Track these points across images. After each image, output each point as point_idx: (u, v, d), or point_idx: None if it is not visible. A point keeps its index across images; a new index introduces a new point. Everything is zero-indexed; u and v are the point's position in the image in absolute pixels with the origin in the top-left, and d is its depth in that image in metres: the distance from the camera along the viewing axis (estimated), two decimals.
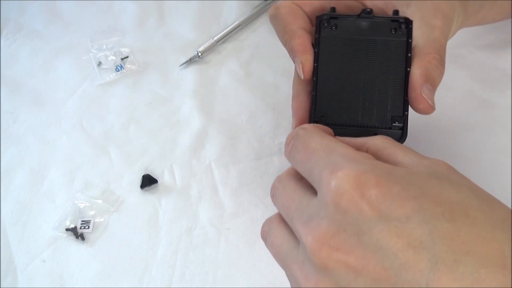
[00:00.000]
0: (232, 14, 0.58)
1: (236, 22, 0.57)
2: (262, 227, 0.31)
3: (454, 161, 0.27)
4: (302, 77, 0.35)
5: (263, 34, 0.57)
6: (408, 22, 0.33)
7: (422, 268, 0.22)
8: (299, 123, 0.35)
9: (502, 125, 0.47)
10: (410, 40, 0.33)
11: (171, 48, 0.56)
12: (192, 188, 0.45)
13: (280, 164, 0.46)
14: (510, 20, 0.50)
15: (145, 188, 0.45)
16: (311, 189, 0.27)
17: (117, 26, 0.58)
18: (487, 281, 0.21)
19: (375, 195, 0.23)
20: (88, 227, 0.43)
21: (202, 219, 0.43)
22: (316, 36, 0.34)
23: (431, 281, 0.22)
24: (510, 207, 0.24)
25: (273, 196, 0.30)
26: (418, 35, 0.34)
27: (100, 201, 0.44)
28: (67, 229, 0.42)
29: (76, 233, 0.42)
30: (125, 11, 0.60)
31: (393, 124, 0.33)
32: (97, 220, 0.43)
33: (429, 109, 0.33)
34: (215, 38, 0.55)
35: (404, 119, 0.33)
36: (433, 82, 0.33)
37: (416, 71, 0.33)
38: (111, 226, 0.43)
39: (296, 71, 0.37)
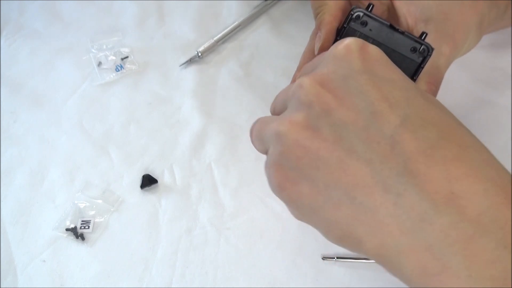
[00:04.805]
0: (232, 14, 0.58)
1: (236, 22, 0.57)
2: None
3: None
4: (316, 53, 0.37)
5: (263, 34, 0.57)
6: (429, 50, 0.33)
7: (392, 121, 0.25)
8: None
9: (502, 125, 0.47)
10: (422, 66, 0.34)
11: (171, 48, 0.56)
12: (192, 188, 0.45)
13: None
14: None
15: (145, 188, 0.45)
16: None
17: (117, 26, 0.58)
18: (442, 150, 0.24)
19: (373, 55, 0.27)
20: (88, 227, 0.43)
21: (202, 219, 0.43)
22: (345, 25, 0.34)
23: (395, 134, 0.24)
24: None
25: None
26: None
27: (100, 201, 0.44)
28: (67, 229, 0.42)
29: (76, 233, 0.42)
30: (125, 11, 0.59)
31: None
32: (97, 220, 0.43)
33: None
34: (215, 38, 0.55)
35: None
36: None
37: None
38: (111, 226, 0.43)
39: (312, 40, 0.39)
